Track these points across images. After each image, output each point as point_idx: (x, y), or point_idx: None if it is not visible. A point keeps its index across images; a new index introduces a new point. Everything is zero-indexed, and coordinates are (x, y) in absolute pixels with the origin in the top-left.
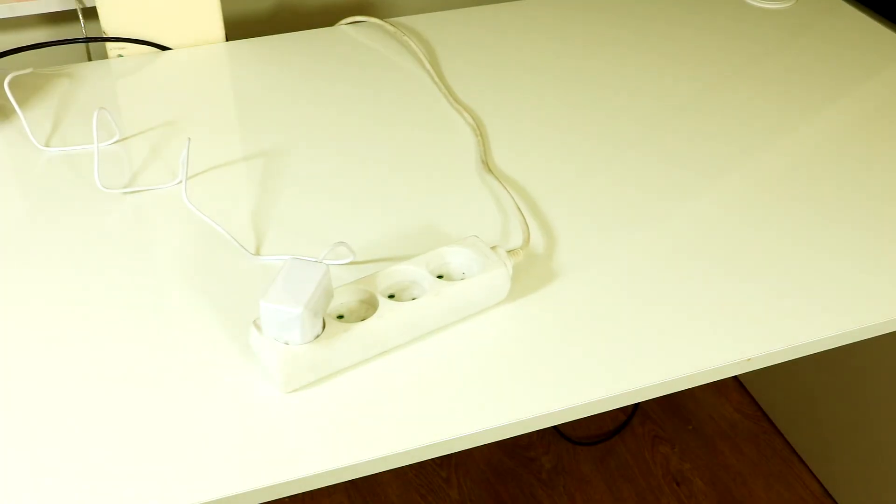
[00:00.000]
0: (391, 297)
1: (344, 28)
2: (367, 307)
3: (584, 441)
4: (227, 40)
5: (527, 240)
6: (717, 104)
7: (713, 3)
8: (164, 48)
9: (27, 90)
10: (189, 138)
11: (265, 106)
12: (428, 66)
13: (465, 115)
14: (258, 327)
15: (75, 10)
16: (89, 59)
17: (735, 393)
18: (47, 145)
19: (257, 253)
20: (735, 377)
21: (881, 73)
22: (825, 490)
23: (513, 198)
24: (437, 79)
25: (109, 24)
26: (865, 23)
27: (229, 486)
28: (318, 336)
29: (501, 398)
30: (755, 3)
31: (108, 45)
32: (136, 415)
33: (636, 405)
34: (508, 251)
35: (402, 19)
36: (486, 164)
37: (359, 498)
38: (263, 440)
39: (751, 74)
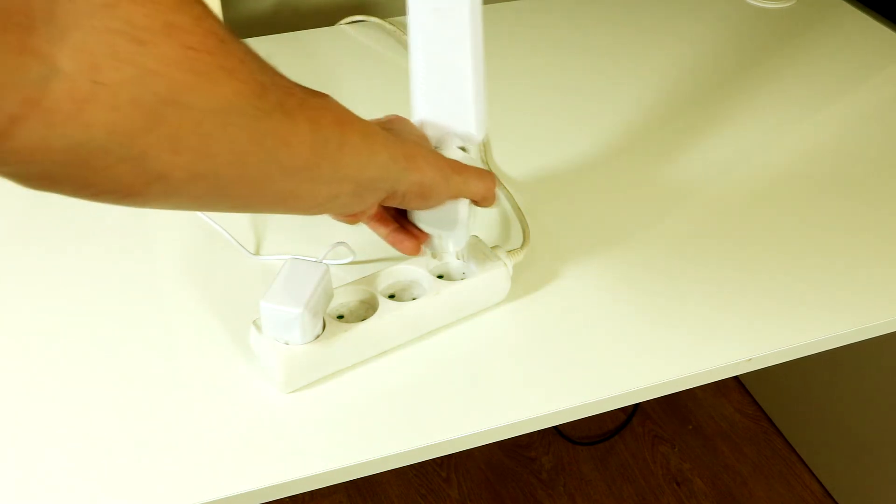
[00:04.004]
0: (391, 297)
1: (344, 28)
2: (367, 307)
3: (584, 441)
4: None
5: (527, 239)
6: (717, 104)
7: (713, 2)
8: None
9: None
10: None
11: None
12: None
13: None
14: (258, 327)
15: None
16: None
17: (735, 393)
18: None
19: (257, 253)
20: (735, 377)
21: (881, 72)
22: (825, 490)
23: (513, 198)
24: None
25: None
26: (865, 23)
27: (229, 486)
28: (318, 336)
29: (501, 398)
30: (755, 3)
31: None
32: (135, 415)
33: (636, 405)
34: (508, 251)
35: (403, 19)
36: (486, 164)
37: (359, 498)
38: (263, 440)
39: (751, 74)
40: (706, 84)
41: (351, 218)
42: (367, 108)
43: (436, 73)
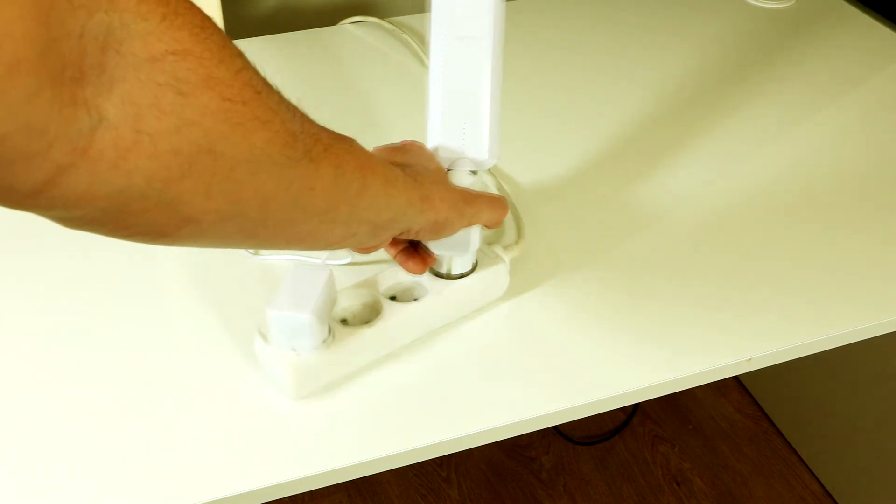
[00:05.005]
0: (393, 298)
1: (344, 27)
2: (369, 310)
3: (584, 441)
4: None
5: (521, 234)
6: (717, 104)
7: (713, 2)
8: None
9: None
10: None
11: None
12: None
13: None
14: (263, 336)
15: None
16: None
17: (735, 393)
18: None
19: (257, 253)
20: (735, 377)
21: (881, 72)
22: (825, 490)
23: (509, 195)
24: None
25: None
26: (865, 23)
27: (229, 486)
28: (324, 341)
29: (501, 398)
30: (755, 3)
31: None
32: (135, 415)
33: (636, 405)
34: (504, 246)
35: (403, 18)
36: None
37: (359, 498)
38: (263, 440)
39: (751, 74)
40: (706, 84)
41: (364, 250)
42: (367, 107)
43: (453, 100)
